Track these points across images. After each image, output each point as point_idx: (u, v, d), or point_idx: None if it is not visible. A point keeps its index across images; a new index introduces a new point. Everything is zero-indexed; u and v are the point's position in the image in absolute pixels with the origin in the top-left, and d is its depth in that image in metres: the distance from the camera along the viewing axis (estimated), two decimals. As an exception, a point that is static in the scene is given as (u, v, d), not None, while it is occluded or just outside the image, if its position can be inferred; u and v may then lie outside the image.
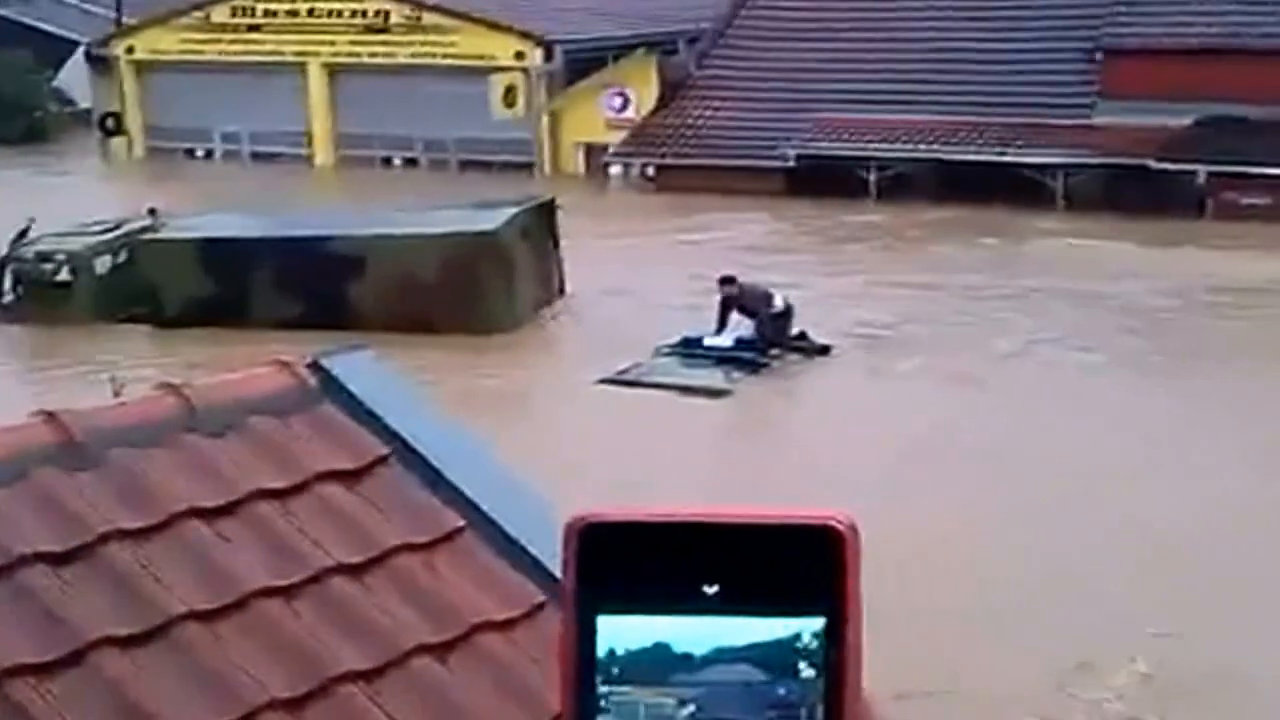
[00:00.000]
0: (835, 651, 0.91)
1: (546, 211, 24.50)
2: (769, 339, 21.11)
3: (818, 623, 0.91)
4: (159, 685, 3.12)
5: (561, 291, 24.34)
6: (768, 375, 20.69)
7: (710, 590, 0.91)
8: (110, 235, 24.16)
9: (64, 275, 23.46)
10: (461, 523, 3.66)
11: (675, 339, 21.17)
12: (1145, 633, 12.26)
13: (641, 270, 25.25)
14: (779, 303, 21.33)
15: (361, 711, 3.25)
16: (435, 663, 3.39)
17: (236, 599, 3.31)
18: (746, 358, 20.78)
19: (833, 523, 0.91)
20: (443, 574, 3.56)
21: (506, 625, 3.49)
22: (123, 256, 23.75)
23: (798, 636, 0.91)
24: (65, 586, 3.20)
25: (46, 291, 23.28)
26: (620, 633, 0.91)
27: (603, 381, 19.85)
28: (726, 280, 21.61)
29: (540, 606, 3.54)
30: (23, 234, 24.14)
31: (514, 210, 23.70)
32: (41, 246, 23.83)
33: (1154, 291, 23.77)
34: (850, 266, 26.04)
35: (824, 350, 21.31)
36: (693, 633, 0.91)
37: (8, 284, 23.70)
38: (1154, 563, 13.50)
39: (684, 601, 0.91)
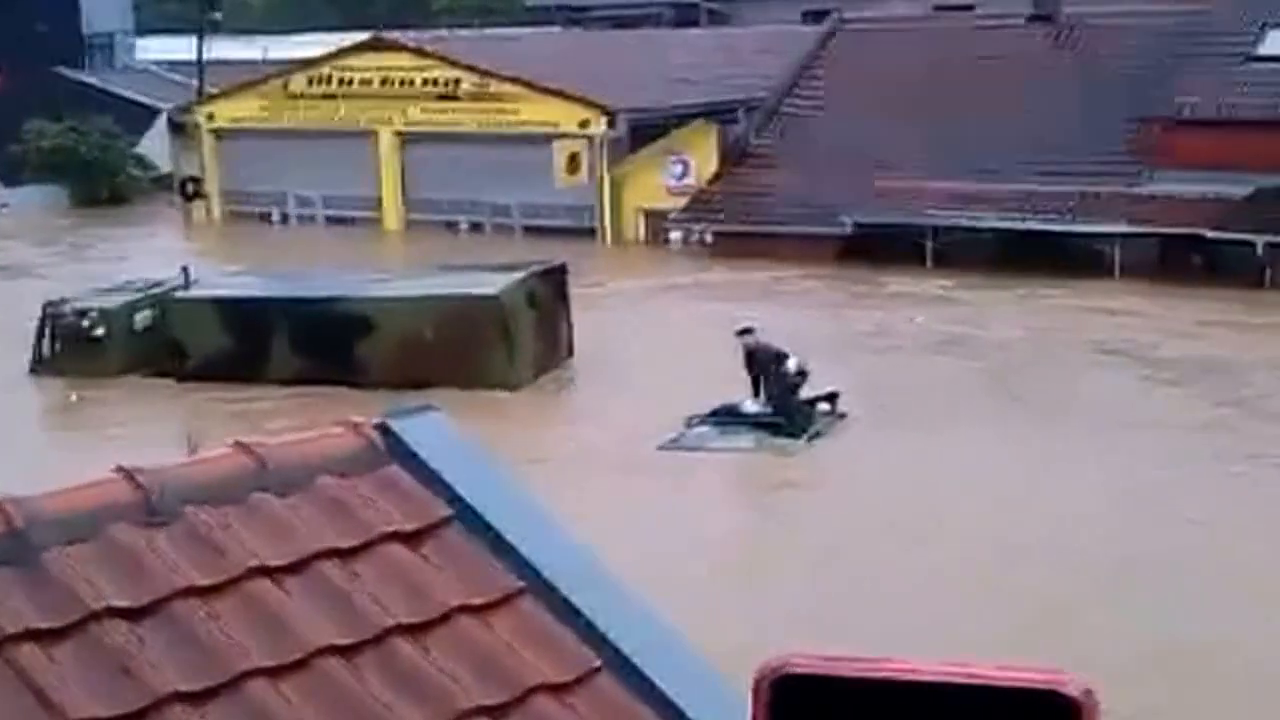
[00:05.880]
0: None
1: (556, 276, 24.81)
2: (773, 398, 20.45)
3: None
4: (226, 741, 3.18)
5: (570, 353, 24.58)
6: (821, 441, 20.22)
7: None
8: (142, 294, 25.01)
9: (99, 331, 24.18)
10: (521, 585, 3.69)
11: (710, 409, 20.47)
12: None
13: (667, 333, 25.39)
14: (792, 365, 20.69)
15: (420, 771, 3.29)
16: (492, 725, 3.43)
17: (301, 657, 3.35)
18: (782, 423, 20.23)
19: (1061, 688, 0.78)
20: (501, 636, 3.59)
21: (563, 689, 3.51)
22: (153, 314, 24.52)
23: None
24: (138, 642, 3.25)
25: (81, 346, 24.05)
26: None
27: (661, 448, 19.70)
28: (745, 331, 21.11)
29: (596, 670, 3.56)
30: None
31: (520, 275, 24.01)
32: (78, 303, 24.67)
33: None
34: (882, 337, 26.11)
35: (837, 413, 20.74)
36: None
37: (46, 339, 24.52)
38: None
39: None
